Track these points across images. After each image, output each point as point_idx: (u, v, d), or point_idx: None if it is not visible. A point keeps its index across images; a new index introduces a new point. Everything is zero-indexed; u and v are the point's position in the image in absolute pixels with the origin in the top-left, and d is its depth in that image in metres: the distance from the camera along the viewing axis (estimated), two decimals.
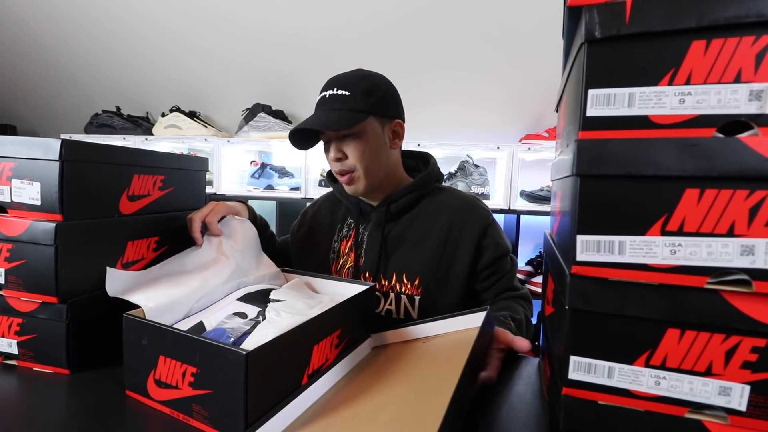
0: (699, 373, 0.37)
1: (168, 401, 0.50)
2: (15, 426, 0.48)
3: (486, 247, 0.81)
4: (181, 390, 0.48)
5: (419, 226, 0.82)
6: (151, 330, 0.50)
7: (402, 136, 0.83)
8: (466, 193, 0.90)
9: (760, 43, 0.34)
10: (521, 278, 1.82)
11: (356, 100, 0.75)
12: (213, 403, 0.46)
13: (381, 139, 0.79)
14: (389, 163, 0.82)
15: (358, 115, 0.75)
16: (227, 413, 0.45)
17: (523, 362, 0.70)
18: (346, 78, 0.78)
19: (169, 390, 0.49)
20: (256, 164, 2.03)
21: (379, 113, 0.78)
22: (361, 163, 0.77)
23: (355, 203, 0.86)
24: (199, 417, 0.47)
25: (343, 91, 0.76)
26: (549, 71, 1.66)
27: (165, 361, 0.49)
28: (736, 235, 0.35)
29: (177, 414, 0.49)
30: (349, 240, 0.85)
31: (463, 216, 0.82)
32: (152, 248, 0.75)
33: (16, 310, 0.60)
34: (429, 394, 0.48)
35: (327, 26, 1.92)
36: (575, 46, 0.43)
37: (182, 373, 0.48)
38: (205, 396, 0.46)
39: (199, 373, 0.46)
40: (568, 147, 0.44)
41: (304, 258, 0.93)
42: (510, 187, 1.68)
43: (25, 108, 2.64)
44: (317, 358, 0.53)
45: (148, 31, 2.14)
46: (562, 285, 0.42)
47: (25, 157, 0.58)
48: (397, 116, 0.82)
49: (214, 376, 0.45)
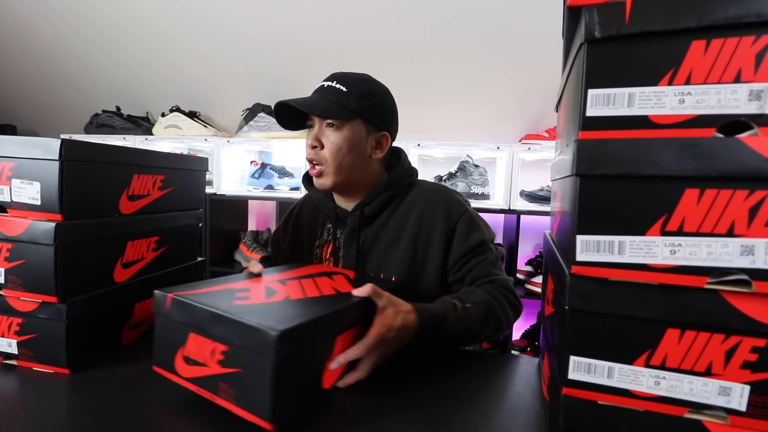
0: (699, 373, 0.37)
1: (195, 378, 0.50)
2: (15, 426, 0.48)
3: (456, 242, 0.80)
4: (209, 368, 0.49)
5: (393, 224, 0.82)
6: (182, 306, 0.51)
7: (385, 149, 0.83)
8: (438, 185, 0.88)
9: (759, 43, 0.34)
10: (521, 278, 1.82)
11: (350, 99, 0.76)
12: (240, 381, 0.46)
13: (362, 143, 0.79)
14: (365, 170, 0.81)
15: (346, 112, 0.75)
16: (254, 393, 0.45)
17: (523, 362, 0.70)
18: (349, 76, 0.79)
19: (197, 367, 0.50)
20: (256, 164, 2.03)
21: (368, 119, 0.78)
22: (334, 158, 0.77)
23: (332, 209, 0.85)
24: (225, 395, 0.48)
25: (342, 86, 0.76)
26: (549, 71, 1.66)
27: (195, 339, 0.50)
28: (736, 235, 0.35)
29: (202, 391, 0.50)
30: (329, 245, 0.86)
31: (434, 211, 0.81)
32: (152, 248, 0.75)
33: (16, 309, 0.60)
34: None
35: (326, 26, 1.92)
36: (575, 46, 0.43)
37: (211, 351, 0.48)
38: (233, 375, 0.47)
39: (229, 351, 0.47)
40: (568, 147, 0.44)
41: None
42: (510, 187, 1.68)
43: (25, 108, 2.64)
44: (339, 350, 0.56)
45: (148, 34, 2.14)
46: (562, 285, 0.42)
47: (25, 156, 0.58)
48: (387, 129, 0.82)
49: (243, 355, 0.46)
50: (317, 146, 0.78)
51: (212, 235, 1.96)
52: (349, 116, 0.76)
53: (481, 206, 1.69)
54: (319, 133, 0.77)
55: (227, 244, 2.09)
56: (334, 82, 0.77)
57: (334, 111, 0.75)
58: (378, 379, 0.58)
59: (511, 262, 1.67)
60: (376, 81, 0.82)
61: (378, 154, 0.82)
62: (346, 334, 0.56)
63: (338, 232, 0.85)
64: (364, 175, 0.82)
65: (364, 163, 0.81)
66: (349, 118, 0.76)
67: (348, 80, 0.77)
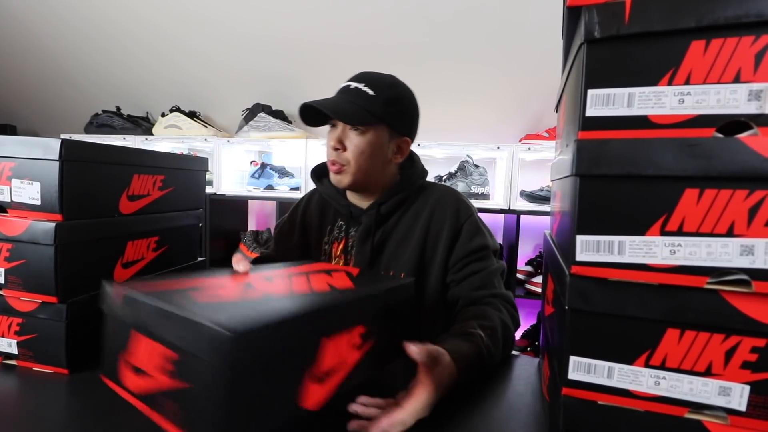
0: (699, 373, 0.37)
1: (140, 394, 0.40)
2: (15, 426, 0.48)
3: (460, 242, 0.81)
4: (154, 379, 0.38)
5: (404, 223, 0.83)
6: (129, 301, 0.41)
7: (405, 153, 0.84)
8: (449, 188, 0.89)
9: (759, 43, 0.34)
10: (521, 278, 1.82)
11: (377, 103, 0.75)
12: (188, 398, 0.36)
13: (384, 148, 0.79)
14: (383, 173, 0.82)
15: (372, 117, 0.75)
16: (204, 413, 0.35)
17: (523, 362, 0.70)
18: (377, 78, 0.78)
19: (143, 378, 0.39)
20: (256, 164, 2.03)
21: (392, 124, 0.79)
22: (356, 161, 0.77)
23: (345, 206, 0.85)
24: (169, 416, 0.37)
25: (370, 90, 0.76)
26: (549, 71, 1.66)
27: (141, 341, 0.39)
28: (736, 235, 0.35)
29: (148, 410, 0.40)
30: (341, 243, 0.86)
31: (443, 210, 0.82)
32: (152, 248, 0.75)
33: (16, 310, 0.60)
34: None
35: (326, 26, 1.92)
36: (575, 46, 0.43)
37: (160, 357, 0.38)
38: (181, 391, 0.36)
39: (179, 361, 0.36)
40: (567, 147, 0.44)
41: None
42: (510, 187, 1.68)
43: (25, 108, 2.64)
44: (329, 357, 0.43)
45: (148, 34, 2.14)
46: (562, 285, 0.42)
47: (25, 156, 0.58)
48: (408, 134, 0.83)
49: (193, 366, 0.35)
50: (340, 148, 0.77)
51: (212, 235, 1.96)
52: (374, 121, 0.76)
53: (481, 206, 1.69)
54: (343, 135, 0.77)
55: (227, 244, 2.09)
56: (362, 85, 0.76)
57: (361, 117, 0.75)
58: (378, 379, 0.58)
59: (511, 262, 1.67)
60: (403, 85, 0.82)
61: (398, 159, 0.83)
62: (339, 337, 0.45)
63: (351, 230, 0.85)
64: (382, 177, 0.83)
65: (384, 167, 0.81)
66: (373, 123, 0.76)
67: (376, 83, 0.77)
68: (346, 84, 0.79)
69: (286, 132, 1.93)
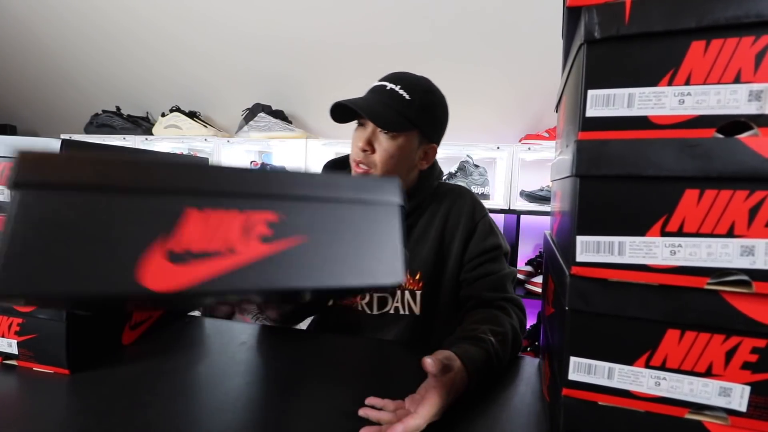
0: (699, 373, 0.37)
1: None
2: (15, 426, 0.48)
3: (474, 241, 0.81)
4: None
5: (421, 225, 0.84)
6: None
7: (430, 161, 0.83)
8: (463, 187, 0.90)
9: (759, 43, 0.34)
10: (521, 278, 1.81)
11: (412, 109, 0.74)
12: None
13: (413, 153, 0.79)
14: (407, 178, 0.82)
15: (408, 123, 0.74)
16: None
17: (523, 362, 0.70)
18: (413, 81, 0.77)
19: None
20: (256, 164, 2.03)
21: (424, 131, 0.78)
22: (384, 164, 0.76)
23: None
24: None
25: (406, 94, 0.74)
26: (549, 71, 1.66)
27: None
28: (736, 235, 0.35)
29: None
30: None
31: (459, 208, 0.83)
32: None
33: (16, 310, 0.60)
34: None
35: (326, 26, 1.92)
36: (575, 46, 0.43)
37: None
38: None
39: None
40: (567, 147, 0.44)
41: None
42: (510, 187, 1.68)
43: (25, 108, 2.64)
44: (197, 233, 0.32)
45: (148, 34, 2.14)
46: (562, 285, 0.42)
47: None
48: (437, 141, 0.83)
49: None
50: (368, 150, 0.75)
51: None
52: (408, 127, 0.74)
53: None
54: (373, 137, 0.75)
55: None
56: (398, 87, 0.74)
57: (396, 124, 0.73)
58: (378, 379, 0.58)
59: (511, 262, 1.67)
60: (438, 90, 0.80)
61: (423, 165, 0.82)
62: (219, 213, 0.33)
63: None
64: (404, 182, 0.82)
65: (409, 172, 0.81)
66: (407, 130, 0.74)
67: (413, 87, 0.75)
68: (380, 84, 0.76)
69: (286, 132, 1.93)
